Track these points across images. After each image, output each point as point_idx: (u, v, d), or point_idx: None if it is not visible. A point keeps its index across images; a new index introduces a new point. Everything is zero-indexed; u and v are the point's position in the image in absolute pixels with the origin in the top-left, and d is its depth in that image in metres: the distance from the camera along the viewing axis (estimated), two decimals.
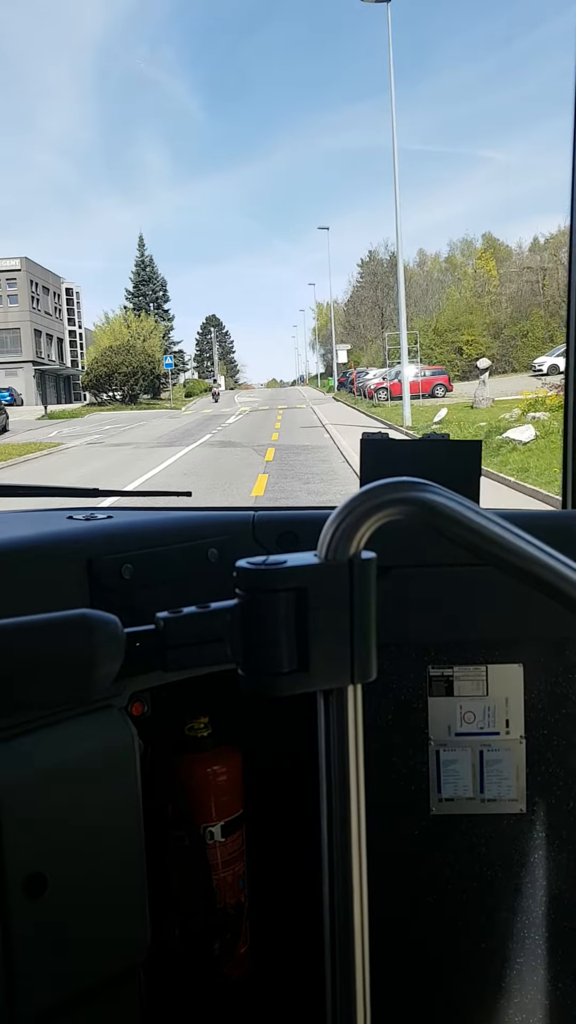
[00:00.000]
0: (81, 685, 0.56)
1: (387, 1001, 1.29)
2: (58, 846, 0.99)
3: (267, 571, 0.60)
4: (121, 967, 1.08)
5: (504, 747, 1.34)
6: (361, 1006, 0.65)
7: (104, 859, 1.05)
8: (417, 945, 1.36)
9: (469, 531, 0.60)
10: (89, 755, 1.04)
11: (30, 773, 0.97)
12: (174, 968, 1.38)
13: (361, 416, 28.61)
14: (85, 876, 1.02)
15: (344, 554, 0.60)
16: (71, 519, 1.27)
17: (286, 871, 1.52)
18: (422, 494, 0.60)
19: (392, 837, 1.35)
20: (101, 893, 1.04)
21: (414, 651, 1.34)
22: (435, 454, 1.31)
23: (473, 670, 1.34)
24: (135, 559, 1.16)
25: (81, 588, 1.11)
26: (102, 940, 1.04)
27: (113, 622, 0.58)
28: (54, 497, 1.58)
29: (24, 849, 0.96)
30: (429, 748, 1.34)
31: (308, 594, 0.60)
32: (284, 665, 0.60)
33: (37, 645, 0.56)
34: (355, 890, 0.64)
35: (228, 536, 1.29)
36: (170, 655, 0.60)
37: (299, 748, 1.25)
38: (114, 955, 1.06)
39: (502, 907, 1.35)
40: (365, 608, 0.62)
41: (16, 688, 0.55)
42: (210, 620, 0.61)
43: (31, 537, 1.12)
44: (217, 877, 1.40)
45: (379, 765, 1.34)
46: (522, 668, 1.33)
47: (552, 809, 1.34)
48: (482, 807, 1.34)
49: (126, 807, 1.07)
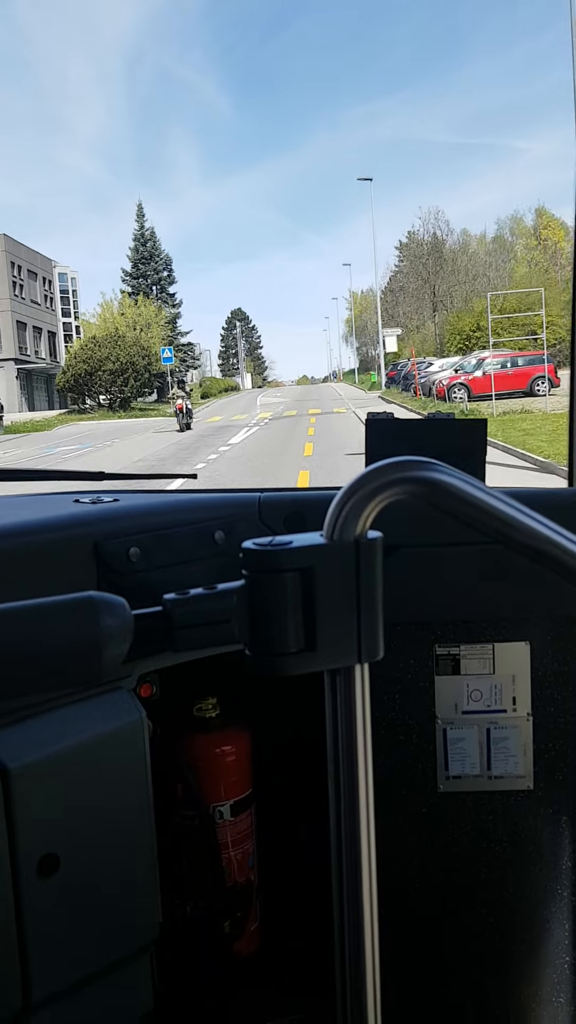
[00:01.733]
0: (90, 667, 0.56)
1: (396, 978, 1.31)
2: (69, 827, 1.00)
3: (273, 552, 0.60)
4: (133, 946, 1.09)
5: (511, 725, 1.35)
6: (370, 982, 0.66)
7: (115, 839, 1.05)
8: (426, 922, 1.37)
9: (475, 509, 0.60)
10: (98, 736, 1.04)
11: (40, 755, 0.98)
12: (185, 946, 1.40)
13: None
14: (96, 856, 1.03)
15: (350, 534, 0.60)
16: (77, 502, 1.27)
17: (295, 849, 1.53)
18: (428, 473, 0.60)
19: (400, 815, 1.36)
20: (112, 873, 1.05)
21: (420, 630, 1.34)
22: (441, 433, 1.31)
23: (480, 648, 1.34)
24: (142, 541, 1.16)
25: (88, 571, 1.12)
26: (114, 919, 1.05)
27: (121, 604, 0.58)
28: (60, 481, 1.58)
29: (36, 830, 0.96)
30: (436, 726, 1.35)
31: (314, 574, 0.60)
32: (291, 645, 0.60)
33: (45, 628, 0.56)
34: (364, 868, 0.64)
35: (234, 518, 1.29)
36: (178, 636, 0.60)
37: (307, 727, 1.26)
38: (126, 934, 1.07)
39: (509, 883, 1.36)
40: (371, 588, 0.62)
41: (25, 671, 0.55)
42: (217, 601, 0.61)
43: (38, 520, 1.12)
44: (227, 856, 1.41)
45: (386, 743, 1.35)
46: (529, 646, 1.34)
47: (559, 786, 1.35)
48: (489, 784, 1.35)
49: (136, 787, 1.08)
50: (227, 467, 15.13)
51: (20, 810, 0.95)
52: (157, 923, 1.12)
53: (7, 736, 0.98)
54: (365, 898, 0.65)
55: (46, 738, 1.00)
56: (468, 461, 1.23)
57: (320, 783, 0.72)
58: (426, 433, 1.35)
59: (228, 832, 1.41)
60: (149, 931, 1.11)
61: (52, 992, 0.99)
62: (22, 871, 0.95)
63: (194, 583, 0.65)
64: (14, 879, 0.95)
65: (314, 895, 1.27)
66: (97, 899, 1.03)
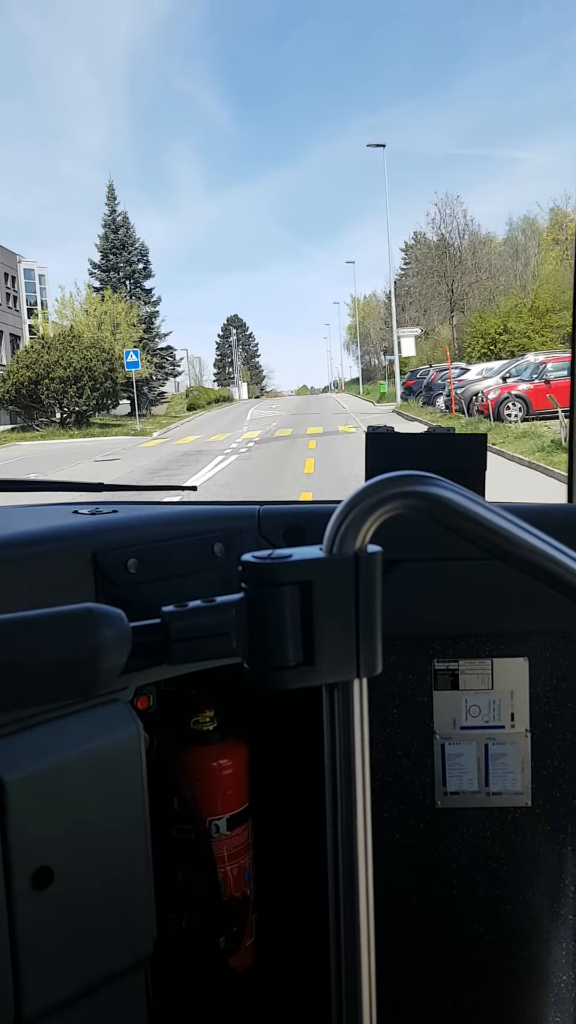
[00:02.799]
0: (86, 679, 0.56)
1: (392, 993, 1.30)
2: (64, 839, 0.99)
3: (272, 565, 0.60)
4: (127, 960, 1.08)
5: (509, 741, 1.34)
6: (367, 998, 0.65)
7: (110, 852, 1.05)
8: (422, 938, 1.36)
9: (475, 524, 0.60)
10: (95, 749, 1.04)
11: (36, 767, 0.98)
12: (180, 961, 1.39)
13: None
14: (91, 869, 1.02)
15: (350, 548, 0.60)
16: (76, 513, 1.27)
17: (292, 864, 1.52)
18: (428, 488, 0.60)
19: (397, 830, 1.35)
20: (107, 886, 1.04)
21: (419, 645, 1.34)
22: (441, 447, 1.32)
23: (478, 664, 1.34)
24: (140, 553, 1.16)
25: (86, 582, 1.11)
26: (108, 933, 1.05)
27: (118, 616, 0.58)
28: (59, 492, 1.58)
29: (31, 842, 0.96)
30: (434, 742, 1.35)
31: (314, 588, 0.60)
32: (290, 659, 0.60)
33: (42, 639, 0.55)
34: (360, 883, 0.64)
35: (233, 530, 1.29)
36: (175, 649, 0.60)
37: (304, 741, 1.25)
38: (120, 948, 1.07)
39: (507, 900, 1.35)
40: (370, 602, 0.61)
41: (22, 682, 0.55)
42: (215, 614, 0.61)
43: (36, 531, 1.12)
44: (223, 870, 1.40)
45: (384, 758, 1.34)
46: (527, 662, 1.33)
47: (557, 803, 1.34)
48: (487, 801, 1.35)
49: (132, 800, 1.08)
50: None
51: (15, 822, 0.94)
52: (152, 937, 1.11)
53: (3, 747, 0.97)
54: (361, 913, 0.64)
55: (42, 750, 1.00)
56: (469, 476, 1.23)
57: (317, 797, 0.72)
58: (426, 447, 1.35)
59: (224, 846, 1.40)
60: (144, 945, 1.10)
61: (45, 1006, 0.98)
62: (16, 883, 0.94)
63: (193, 595, 0.65)
64: (8, 891, 0.94)
65: (310, 910, 1.26)
66: (91, 913, 1.02)
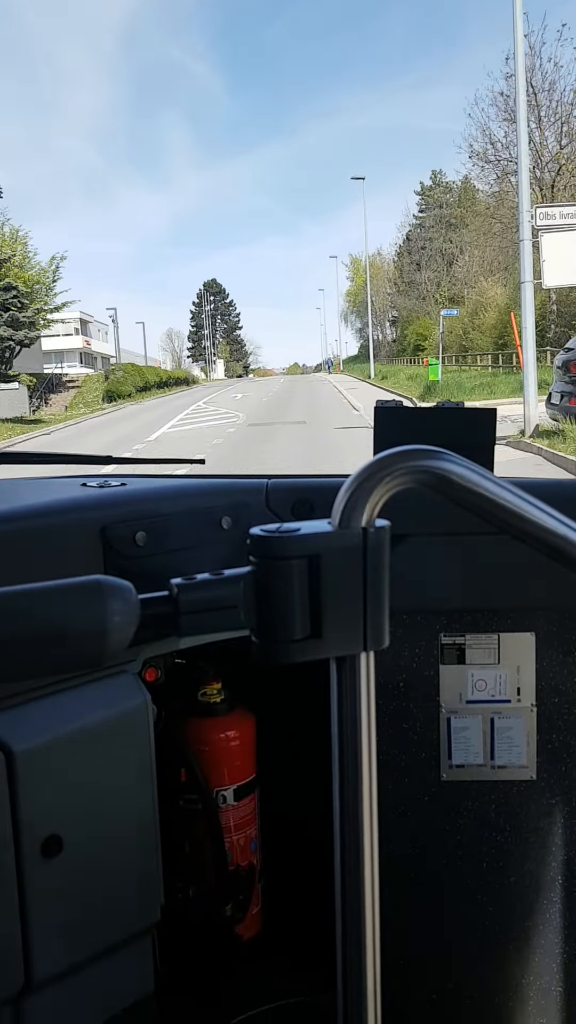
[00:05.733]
0: (95, 651, 0.56)
1: (396, 963, 1.32)
2: (73, 809, 1.01)
3: (280, 538, 0.60)
4: (135, 928, 1.10)
5: (515, 715, 1.35)
6: (371, 966, 0.66)
7: (118, 822, 1.06)
8: (427, 909, 1.38)
9: (483, 499, 0.60)
10: (103, 720, 1.05)
11: (45, 738, 0.99)
12: (187, 929, 1.41)
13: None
14: (100, 838, 1.04)
15: (358, 522, 0.60)
16: (85, 486, 1.27)
17: (298, 834, 1.54)
18: (437, 462, 0.60)
19: (403, 803, 1.36)
20: (115, 855, 1.06)
21: (426, 619, 1.34)
22: (450, 422, 1.31)
23: (485, 638, 1.34)
24: (149, 526, 1.16)
25: (95, 555, 1.12)
26: (116, 901, 1.06)
27: (127, 588, 0.58)
28: (67, 464, 1.58)
29: (40, 812, 0.97)
30: (440, 715, 1.35)
31: (321, 562, 0.60)
32: (297, 632, 0.60)
33: (51, 611, 0.56)
34: (366, 854, 0.64)
35: (242, 504, 1.29)
36: (184, 621, 0.60)
37: (311, 714, 1.26)
38: (128, 916, 1.08)
39: (511, 873, 1.36)
40: (378, 576, 0.61)
41: (31, 653, 0.55)
42: (223, 587, 0.61)
43: (45, 504, 1.12)
44: (229, 840, 1.42)
45: (390, 731, 1.35)
46: (534, 637, 1.33)
47: (562, 776, 1.35)
48: (492, 774, 1.35)
49: (140, 771, 1.09)
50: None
51: (25, 791, 0.96)
52: (159, 905, 1.12)
53: (12, 718, 0.98)
54: (366, 883, 0.65)
55: (51, 720, 1.00)
56: (477, 451, 1.23)
57: (324, 769, 0.72)
58: (435, 422, 1.34)
59: (231, 816, 1.42)
60: (151, 913, 1.12)
61: (54, 971, 1.00)
62: (25, 852, 0.96)
63: (201, 568, 0.65)
64: (17, 860, 0.96)
65: (316, 879, 1.28)
66: (99, 881, 1.04)
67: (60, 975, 1.01)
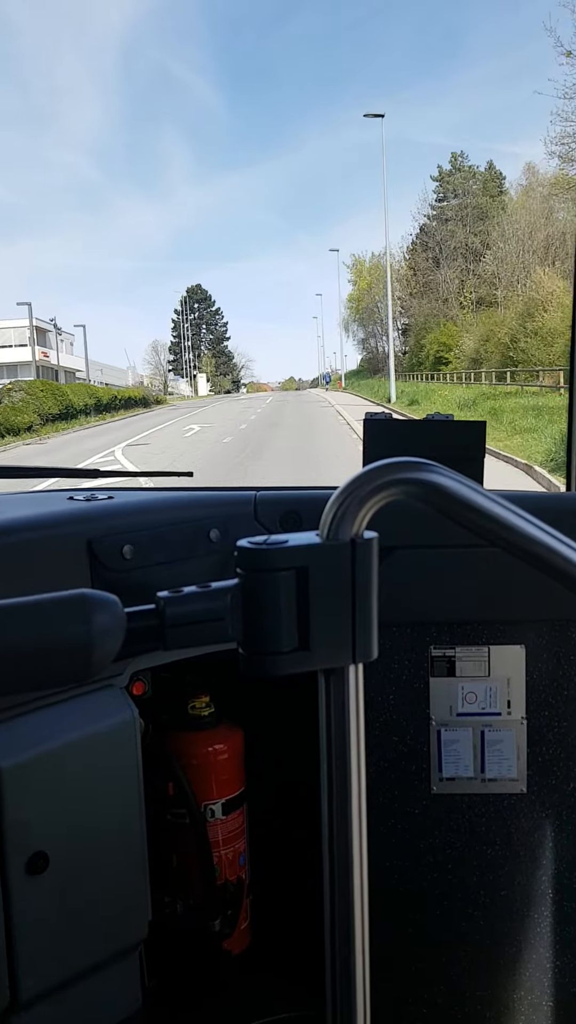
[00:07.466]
0: (81, 665, 0.56)
1: (386, 977, 1.31)
2: (60, 825, 1.00)
3: (268, 551, 0.59)
4: (122, 943, 1.08)
5: (505, 728, 1.35)
6: (360, 981, 0.65)
7: (106, 837, 1.05)
8: (416, 923, 1.37)
9: (472, 511, 0.60)
10: (90, 735, 1.04)
11: (31, 753, 0.98)
12: (175, 944, 1.40)
13: None
14: (87, 854, 1.03)
15: (346, 534, 0.60)
16: (71, 499, 1.27)
17: (287, 848, 1.53)
18: (426, 474, 0.60)
19: (393, 816, 1.36)
20: (103, 871, 1.05)
21: (416, 631, 1.34)
22: (439, 434, 1.31)
23: (475, 651, 1.34)
24: (136, 539, 1.16)
25: (81, 568, 1.11)
26: (104, 917, 1.05)
27: (113, 602, 0.57)
28: (54, 478, 1.58)
29: (26, 828, 0.96)
30: (430, 728, 1.35)
31: (309, 574, 0.59)
32: (285, 644, 0.60)
33: (37, 625, 0.55)
34: (355, 868, 0.64)
35: (230, 516, 1.28)
36: (170, 634, 0.60)
37: (300, 727, 1.26)
38: (116, 931, 1.07)
39: (502, 886, 1.36)
40: (366, 588, 0.61)
41: (16, 668, 0.55)
42: (210, 599, 0.60)
43: (31, 517, 1.11)
44: (218, 854, 1.41)
45: (380, 744, 1.35)
46: (524, 649, 1.33)
47: (552, 790, 1.35)
48: (483, 787, 1.35)
49: (127, 785, 1.08)
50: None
51: (10, 808, 0.95)
52: (147, 921, 1.11)
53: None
54: (356, 898, 0.64)
55: (37, 736, 1.00)
56: (467, 463, 1.23)
57: (313, 783, 0.72)
58: (424, 433, 1.35)
59: (219, 830, 1.41)
60: (139, 929, 1.11)
61: (40, 989, 0.99)
62: (11, 869, 0.95)
63: (189, 581, 0.64)
64: (3, 877, 0.94)
65: (305, 894, 1.27)
66: (87, 897, 1.03)
67: (46, 993, 1.00)
